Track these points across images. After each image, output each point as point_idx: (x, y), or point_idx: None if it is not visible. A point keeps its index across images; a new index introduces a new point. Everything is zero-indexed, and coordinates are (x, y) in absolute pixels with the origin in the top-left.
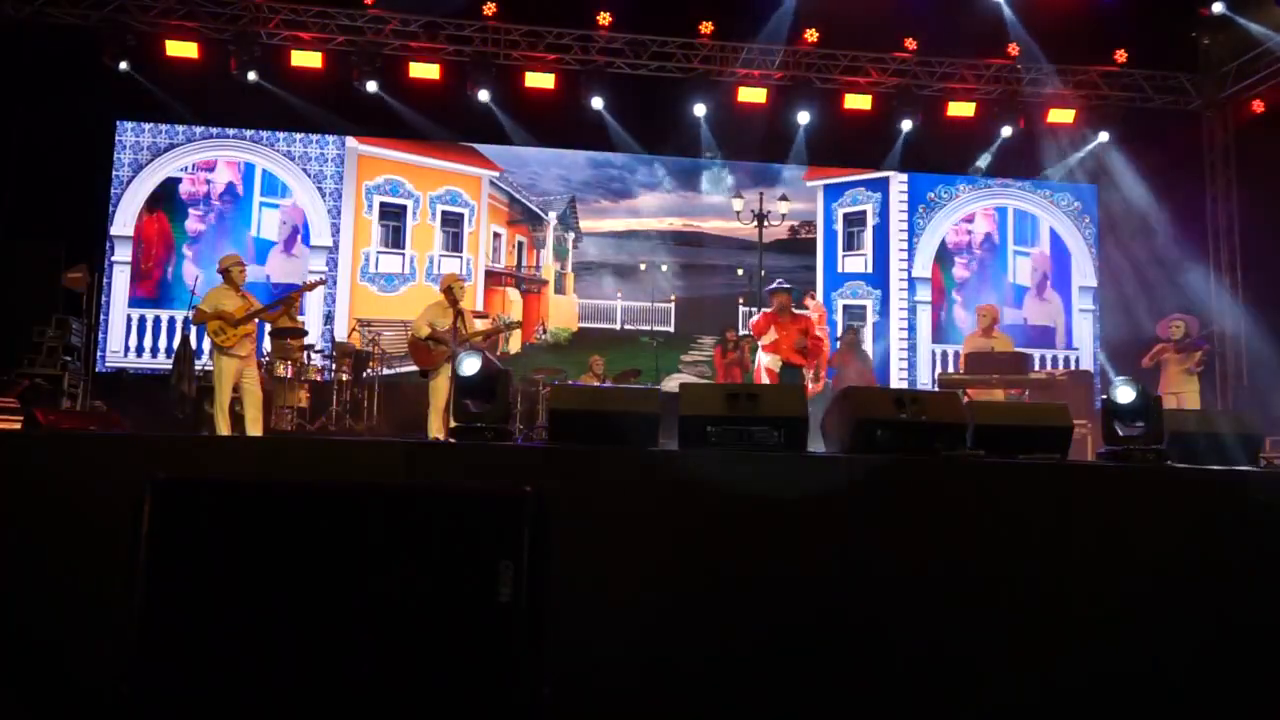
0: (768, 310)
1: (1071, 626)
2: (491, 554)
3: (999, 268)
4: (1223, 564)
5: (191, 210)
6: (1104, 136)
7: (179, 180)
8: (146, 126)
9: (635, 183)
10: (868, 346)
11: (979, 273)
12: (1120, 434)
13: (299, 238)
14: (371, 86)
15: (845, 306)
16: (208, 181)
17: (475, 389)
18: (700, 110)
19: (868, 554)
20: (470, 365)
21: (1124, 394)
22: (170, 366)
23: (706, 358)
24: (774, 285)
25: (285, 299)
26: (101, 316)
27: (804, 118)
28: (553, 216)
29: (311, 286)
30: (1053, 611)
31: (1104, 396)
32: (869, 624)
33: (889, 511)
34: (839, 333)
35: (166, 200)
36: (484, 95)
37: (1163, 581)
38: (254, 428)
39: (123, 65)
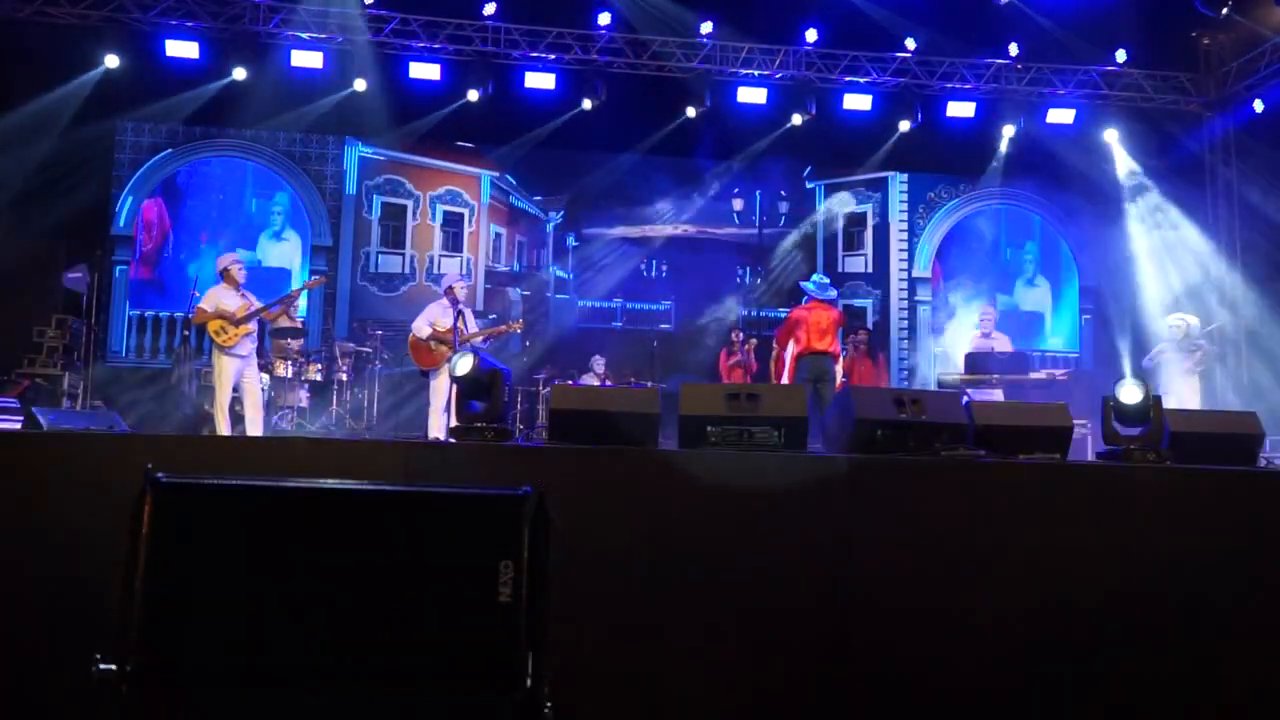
0: (799, 309)
1: (1071, 626)
2: (491, 554)
3: (993, 266)
4: (1223, 564)
5: (188, 203)
6: (1109, 136)
7: (177, 175)
8: (146, 126)
9: (635, 182)
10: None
11: (974, 271)
12: (1120, 434)
13: (288, 225)
14: (360, 85)
15: (845, 307)
16: (200, 176)
17: (472, 388)
18: (700, 110)
19: (868, 554)
20: (463, 365)
21: (1130, 393)
22: (170, 366)
23: (705, 358)
24: (828, 295)
25: (285, 297)
26: (102, 316)
27: (805, 118)
28: (553, 216)
29: (311, 285)
30: (1052, 611)
31: (1106, 395)
32: (869, 623)
33: (889, 511)
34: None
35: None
36: (484, 95)
37: (1163, 582)
38: (254, 428)
39: (121, 64)
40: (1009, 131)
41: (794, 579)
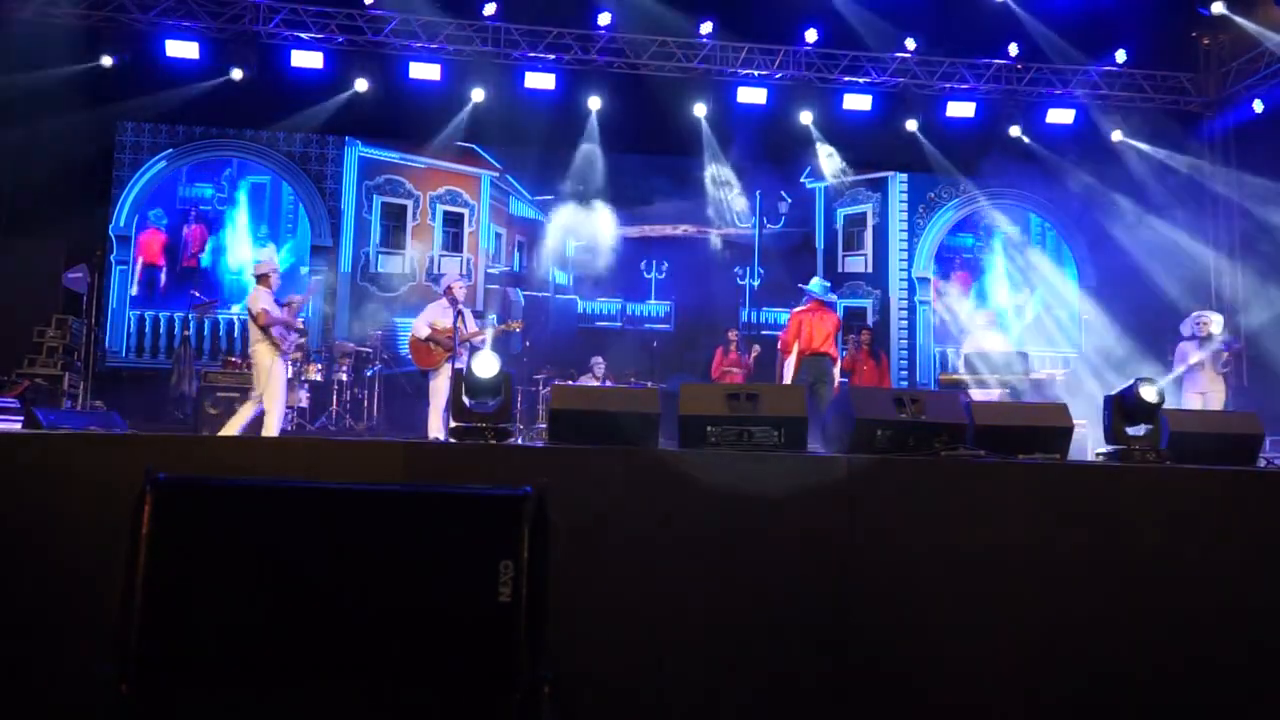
0: (800, 310)
1: (1072, 627)
2: (491, 554)
3: (993, 266)
4: (1223, 564)
5: (188, 203)
6: (1109, 136)
7: (176, 176)
8: (146, 126)
9: (634, 182)
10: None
11: (973, 271)
12: (1121, 434)
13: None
14: (361, 85)
15: (845, 307)
16: (199, 176)
17: (484, 389)
18: (700, 110)
19: (868, 554)
20: (488, 366)
21: (1151, 393)
22: (170, 366)
23: (706, 358)
24: (826, 297)
25: (290, 302)
26: (102, 316)
27: (805, 118)
28: (553, 216)
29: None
30: (1053, 612)
31: (1110, 394)
32: (869, 623)
33: (889, 511)
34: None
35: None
36: (482, 95)
37: (1163, 582)
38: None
39: (121, 64)
40: (1009, 131)
41: (794, 579)
